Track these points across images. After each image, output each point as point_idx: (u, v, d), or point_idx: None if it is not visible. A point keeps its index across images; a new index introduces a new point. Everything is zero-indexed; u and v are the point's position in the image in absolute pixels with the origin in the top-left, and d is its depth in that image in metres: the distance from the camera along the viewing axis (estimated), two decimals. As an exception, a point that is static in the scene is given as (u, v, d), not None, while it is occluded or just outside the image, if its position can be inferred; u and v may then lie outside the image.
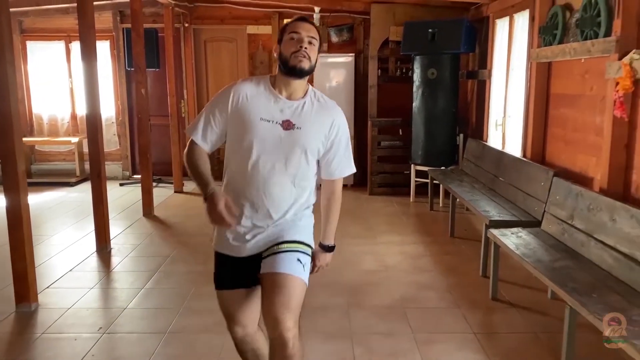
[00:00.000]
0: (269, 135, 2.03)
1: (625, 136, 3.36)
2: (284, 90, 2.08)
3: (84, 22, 4.40)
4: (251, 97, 2.06)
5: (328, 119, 2.11)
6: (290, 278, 1.98)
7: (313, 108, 2.09)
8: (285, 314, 1.91)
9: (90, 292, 3.88)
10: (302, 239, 2.10)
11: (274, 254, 2.03)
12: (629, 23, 3.25)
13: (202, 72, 7.97)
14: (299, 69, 2.00)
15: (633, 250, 2.79)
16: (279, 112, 2.05)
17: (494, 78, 5.91)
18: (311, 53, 2.01)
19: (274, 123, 2.03)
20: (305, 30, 2.01)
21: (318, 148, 2.11)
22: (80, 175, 7.82)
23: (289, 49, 2.00)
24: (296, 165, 2.06)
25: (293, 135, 2.04)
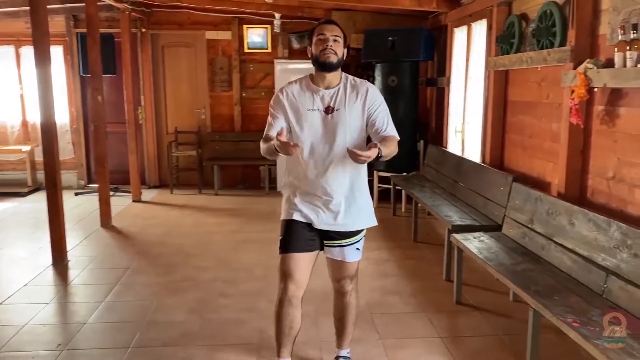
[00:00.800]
0: (316, 121, 2.48)
1: (580, 142, 3.49)
2: (322, 83, 2.51)
3: (38, 27, 4.26)
4: (297, 94, 2.52)
5: (361, 92, 2.49)
6: (351, 263, 2.64)
7: (347, 90, 2.50)
8: (347, 279, 2.69)
9: (47, 307, 3.73)
10: (363, 226, 2.63)
11: (341, 246, 2.59)
12: (583, 33, 3.39)
13: (159, 78, 7.83)
14: (328, 63, 2.42)
15: (591, 252, 2.89)
16: (320, 101, 2.49)
17: (453, 85, 6.04)
18: (337, 49, 2.42)
19: (319, 111, 2.48)
20: (329, 30, 2.43)
21: (361, 120, 2.49)
22: (33, 185, 7.54)
23: (318, 48, 2.42)
24: (345, 142, 2.44)
25: (335, 117, 2.47)
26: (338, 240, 2.58)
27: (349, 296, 2.72)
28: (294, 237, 2.55)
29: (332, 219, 2.53)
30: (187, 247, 5.06)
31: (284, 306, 2.57)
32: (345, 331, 2.81)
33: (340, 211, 2.53)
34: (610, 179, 3.23)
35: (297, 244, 2.54)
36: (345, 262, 2.62)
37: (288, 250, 2.55)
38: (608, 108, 3.23)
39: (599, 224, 2.89)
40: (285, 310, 2.57)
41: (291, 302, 2.56)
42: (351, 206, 2.55)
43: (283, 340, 2.64)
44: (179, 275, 4.32)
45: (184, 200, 7.14)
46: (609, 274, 2.71)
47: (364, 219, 2.63)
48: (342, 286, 2.69)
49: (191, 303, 3.77)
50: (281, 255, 2.57)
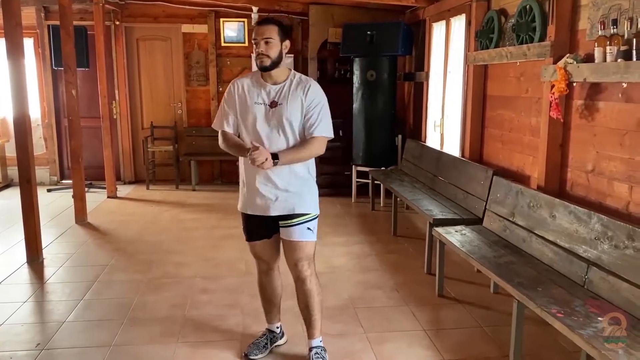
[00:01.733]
0: (262, 114, 2.63)
1: (560, 136, 3.54)
2: (269, 79, 2.67)
3: (10, 19, 4.12)
4: (247, 87, 2.69)
5: (303, 89, 2.64)
6: (303, 242, 2.74)
7: (292, 86, 2.65)
8: (302, 261, 2.76)
9: (24, 306, 3.64)
10: (310, 210, 2.74)
11: (290, 225, 2.72)
12: (563, 28, 3.43)
13: (134, 71, 7.69)
14: (262, 67, 2.61)
15: (572, 244, 2.94)
16: (266, 96, 2.65)
17: (432, 80, 6.07)
18: (269, 51, 2.57)
19: (265, 104, 2.64)
20: (261, 33, 2.58)
21: (300, 115, 2.64)
22: (4, 181, 7.34)
23: (255, 52, 2.61)
24: (287, 134, 2.63)
25: (278, 111, 2.62)
26: (288, 220, 2.71)
27: (308, 282, 2.80)
28: (252, 228, 2.83)
29: (279, 205, 2.68)
30: (166, 244, 4.98)
31: (262, 279, 2.98)
32: (312, 319, 2.86)
33: (285, 197, 2.68)
34: (589, 172, 3.29)
35: (256, 234, 2.84)
36: (299, 241, 2.72)
37: (250, 239, 2.87)
38: (587, 102, 3.28)
39: (579, 216, 2.94)
40: (264, 281, 2.97)
41: (268, 273, 2.95)
42: (295, 192, 2.70)
43: (269, 307, 3.03)
44: (158, 272, 4.25)
45: (161, 196, 7.04)
46: (590, 265, 2.76)
47: (307, 204, 2.74)
48: (300, 271, 2.77)
49: (172, 300, 3.72)
50: (248, 243, 2.89)
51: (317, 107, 2.66)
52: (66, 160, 7.67)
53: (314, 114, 2.64)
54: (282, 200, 2.69)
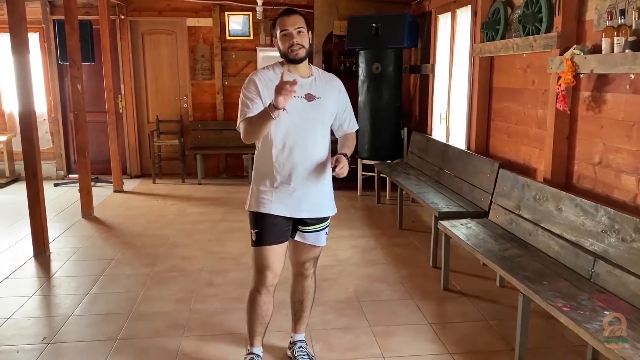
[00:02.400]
0: (297, 108, 2.40)
1: (567, 128, 3.51)
2: (295, 71, 2.46)
3: (14, 13, 4.12)
4: (274, 79, 2.38)
5: (335, 87, 2.59)
6: (317, 247, 2.68)
7: (322, 81, 2.54)
8: (312, 261, 2.72)
9: (31, 300, 3.66)
10: (331, 212, 2.65)
11: (310, 232, 2.60)
12: (569, 19, 3.39)
13: (139, 66, 7.68)
14: (298, 59, 2.41)
15: (579, 237, 2.92)
16: (299, 88, 2.33)
17: (437, 72, 6.03)
18: (303, 41, 2.40)
19: (299, 97, 2.40)
20: (292, 24, 2.39)
21: (334, 113, 2.58)
22: (10, 175, 7.38)
23: (285, 44, 2.40)
24: (321, 130, 2.52)
25: (317, 105, 2.48)
26: (313, 225, 2.59)
27: (310, 279, 2.76)
28: (271, 230, 2.52)
29: (312, 205, 2.54)
30: (172, 237, 5.00)
31: (262, 295, 2.61)
32: (304, 314, 2.83)
33: (318, 197, 2.56)
34: (596, 164, 3.26)
35: (274, 237, 2.53)
36: (315, 246, 2.66)
37: (265, 243, 2.53)
38: (594, 94, 3.25)
39: (586, 209, 2.91)
40: (263, 299, 2.62)
41: (269, 290, 2.62)
42: (324, 191, 2.60)
43: (258, 329, 2.70)
44: (164, 266, 4.26)
45: (167, 190, 7.06)
46: (597, 258, 2.74)
47: (332, 206, 2.67)
48: (306, 269, 2.72)
49: (178, 293, 3.73)
50: (257, 247, 2.55)
51: (348, 105, 2.66)
52: (72, 154, 7.69)
53: (347, 111, 2.65)
54: (315, 200, 2.55)
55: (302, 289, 2.77)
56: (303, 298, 2.78)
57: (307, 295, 2.78)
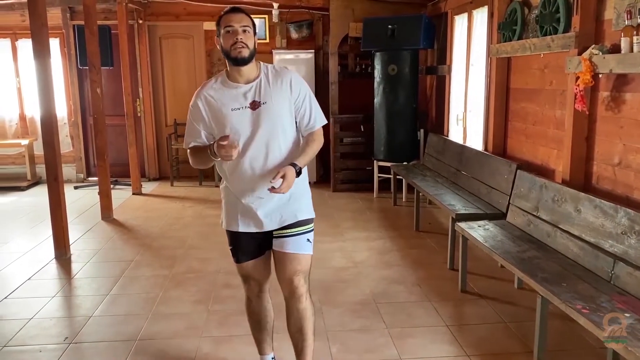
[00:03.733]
0: (244, 119, 2.25)
1: (585, 129, 3.47)
2: (240, 77, 2.28)
3: (36, 19, 4.20)
4: (216, 95, 2.29)
5: (286, 82, 2.31)
6: (300, 255, 2.37)
7: (269, 80, 2.30)
8: (298, 275, 2.37)
9: (52, 300, 3.72)
10: (307, 216, 2.41)
11: (288, 236, 2.36)
12: (587, 19, 3.36)
13: (157, 69, 7.78)
14: (241, 58, 2.21)
15: (598, 239, 2.89)
16: (243, 97, 2.26)
17: (454, 73, 6.01)
18: (248, 41, 2.21)
19: (244, 108, 2.26)
20: (237, 21, 2.21)
21: (289, 111, 2.32)
22: (32, 179, 7.51)
23: (228, 42, 2.21)
24: (278, 138, 2.29)
25: (263, 111, 2.26)
26: (287, 229, 2.37)
27: (304, 300, 2.40)
28: (243, 248, 2.43)
29: (280, 216, 2.35)
30: (190, 239, 5.04)
31: (253, 303, 2.57)
32: (306, 344, 2.45)
33: (281, 206, 2.35)
34: (615, 165, 3.22)
35: (247, 254, 2.44)
36: (296, 254, 2.36)
37: (240, 261, 2.46)
38: (614, 94, 3.21)
39: (605, 210, 2.88)
40: (255, 307, 2.57)
41: (259, 296, 2.56)
42: (291, 198, 2.36)
43: (261, 336, 2.64)
44: (182, 267, 4.31)
45: (185, 192, 7.12)
46: (617, 260, 2.70)
47: (307, 209, 2.44)
48: (295, 286, 2.37)
49: (196, 295, 3.77)
50: (236, 263, 2.49)
51: (306, 98, 2.36)
52: (92, 157, 7.80)
53: (307, 107, 2.36)
54: (281, 208, 2.34)
55: (298, 315, 2.41)
56: (301, 325, 2.42)
57: (304, 321, 2.42)
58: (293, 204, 2.37)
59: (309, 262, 2.42)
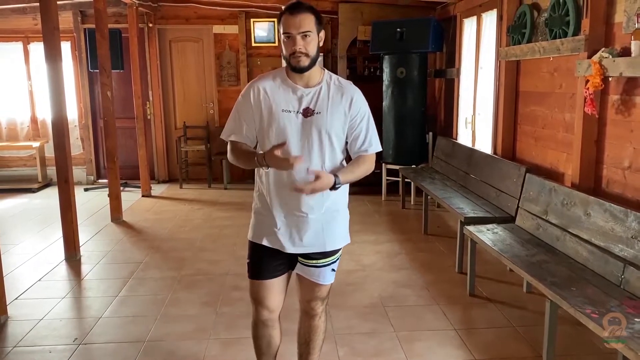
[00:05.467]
0: (292, 125, 2.11)
1: (595, 132, 3.46)
2: (299, 80, 2.14)
3: (48, 23, 4.25)
4: (271, 91, 2.14)
5: (346, 98, 2.15)
6: (322, 285, 2.31)
7: (330, 91, 2.14)
8: (319, 301, 2.35)
9: (62, 301, 3.75)
10: (338, 246, 2.28)
11: (312, 266, 2.26)
12: (597, 22, 3.35)
13: (167, 73, 7.82)
14: (299, 68, 2.07)
15: (608, 243, 2.87)
16: (297, 102, 2.12)
17: (463, 76, 6.00)
18: (308, 47, 2.04)
19: (296, 113, 2.11)
20: (296, 26, 2.01)
21: (342, 129, 2.16)
22: (43, 180, 7.57)
23: (287, 49, 2.06)
24: (323, 152, 2.14)
25: (314, 121, 2.11)
26: (314, 259, 2.24)
27: (318, 319, 2.38)
28: (263, 263, 2.26)
29: (307, 239, 2.19)
30: (199, 241, 5.06)
31: (259, 328, 2.38)
32: (310, 357, 2.45)
33: (317, 230, 2.19)
34: (626, 168, 3.20)
35: (267, 270, 2.26)
36: (319, 283, 2.29)
37: (257, 277, 2.27)
38: (624, 97, 3.20)
39: (615, 214, 2.87)
40: (261, 332, 2.38)
41: (266, 324, 2.36)
42: (330, 223, 2.22)
43: (262, 357, 2.47)
44: (191, 269, 4.33)
45: (194, 194, 7.15)
46: (627, 264, 2.69)
47: (341, 238, 2.29)
48: (312, 308, 2.35)
49: (204, 297, 3.78)
50: (250, 280, 2.31)
51: (364, 119, 2.18)
52: (102, 160, 7.85)
53: (362, 128, 2.18)
54: (313, 233, 2.19)
55: (309, 329, 2.40)
56: (310, 339, 2.41)
57: (314, 336, 2.40)
58: (326, 231, 2.21)
59: (329, 287, 2.36)
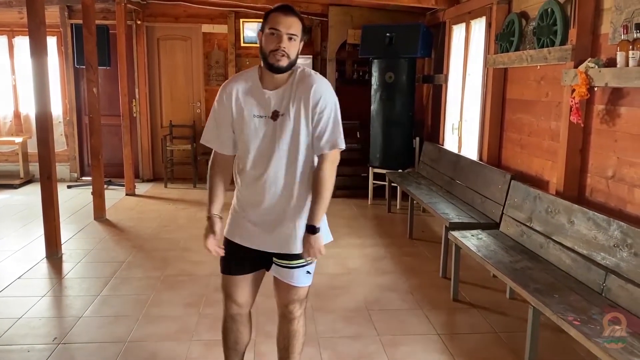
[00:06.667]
0: (261, 130, 2.08)
1: (580, 141, 3.49)
2: (270, 83, 2.08)
3: (34, 17, 4.19)
4: (243, 95, 2.10)
5: (306, 91, 2.05)
6: (298, 287, 2.26)
7: (293, 87, 2.06)
8: (296, 304, 2.31)
9: (42, 300, 3.69)
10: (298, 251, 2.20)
11: (286, 267, 2.22)
12: (584, 32, 3.39)
13: (154, 71, 7.77)
14: (277, 67, 2.01)
15: (590, 251, 2.90)
16: (267, 105, 2.07)
17: (451, 82, 6.03)
18: (290, 50, 2.00)
19: (266, 117, 2.07)
20: (286, 26, 1.98)
21: (306, 125, 2.08)
22: (25, 177, 7.46)
23: (269, 45, 2.00)
24: (296, 155, 2.09)
25: (281, 124, 2.06)
26: (287, 260, 2.20)
27: (296, 323, 2.34)
28: (235, 258, 2.25)
29: (276, 238, 2.17)
30: (183, 242, 5.02)
31: (227, 322, 2.39)
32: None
33: (285, 229, 2.16)
34: (609, 178, 3.24)
35: (238, 266, 2.26)
36: (293, 285, 2.25)
37: (226, 272, 2.28)
38: (609, 107, 3.24)
39: (598, 222, 2.90)
40: (229, 326, 2.39)
41: (235, 318, 2.37)
42: (298, 222, 2.16)
43: (229, 355, 2.46)
44: (175, 270, 4.29)
45: (179, 194, 7.10)
46: (609, 272, 2.72)
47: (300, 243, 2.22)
48: (290, 311, 2.31)
49: (188, 298, 3.75)
50: (221, 274, 2.31)
51: (325, 111, 2.05)
52: (86, 157, 7.77)
53: (322, 123, 2.06)
54: (281, 232, 2.16)
55: (288, 334, 2.36)
56: (289, 344, 2.37)
57: (293, 340, 2.36)
58: (296, 230, 2.16)
59: (306, 290, 2.31)
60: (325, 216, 2.21)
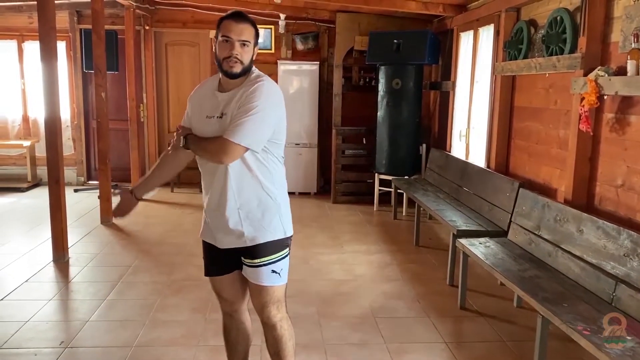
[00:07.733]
0: (211, 129, 2.13)
1: (589, 149, 3.48)
2: (226, 87, 2.17)
3: (44, 23, 4.22)
4: (199, 99, 2.25)
5: (246, 93, 2.08)
6: (266, 287, 2.25)
7: (243, 89, 2.11)
8: (269, 306, 2.28)
9: (49, 304, 3.70)
10: (270, 238, 2.21)
11: (253, 266, 2.22)
12: (594, 40, 3.38)
13: (162, 76, 7.79)
14: (231, 73, 2.09)
15: (600, 260, 2.88)
16: (218, 107, 2.15)
17: (458, 90, 6.03)
18: (244, 56, 2.08)
19: (215, 117, 2.14)
20: (237, 33, 2.06)
21: None
22: (32, 180, 7.49)
23: (222, 52, 2.08)
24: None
25: (223, 123, 2.11)
26: (250, 258, 2.21)
27: (279, 328, 2.32)
28: (210, 260, 2.36)
29: (227, 234, 2.20)
30: (189, 246, 5.02)
31: (225, 321, 2.48)
32: None
33: (235, 224, 2.18)
34: (619, 186, 3.22)
35: (213, 267, 2.36)
36: (261, 285, 2.24)
37: (206, 273, 2.40)
38: (618, 116, 3.22)
39: (608, 231, 2.88)
40: (228, 324, 2.48)
41: (231, 316, 2.45)
42: (248, 216, 2.18)
43: (230, 355, 2.53)
44: (181, 275, 4.29)
45: (185, 199, 7.11)
46: (619, 282, 2.70)
47: (264, 232, 2.20)
48: (268, 317, 2.29)
49: (194, 303, 3.74)
50: None
51: (251, 104, 2.04)
52: (93, 161, 7.79)
53: (242, 111, 2.05)
54: (232, 228, 2.18)
55: (273, 341, 2.36)
56: (277, 349, 2.36)
57: (280, 345, 2.35)
58: (253, 223, 2.18)
59: (280, 291, 2.29)
60: (280, 210, 2.24)
